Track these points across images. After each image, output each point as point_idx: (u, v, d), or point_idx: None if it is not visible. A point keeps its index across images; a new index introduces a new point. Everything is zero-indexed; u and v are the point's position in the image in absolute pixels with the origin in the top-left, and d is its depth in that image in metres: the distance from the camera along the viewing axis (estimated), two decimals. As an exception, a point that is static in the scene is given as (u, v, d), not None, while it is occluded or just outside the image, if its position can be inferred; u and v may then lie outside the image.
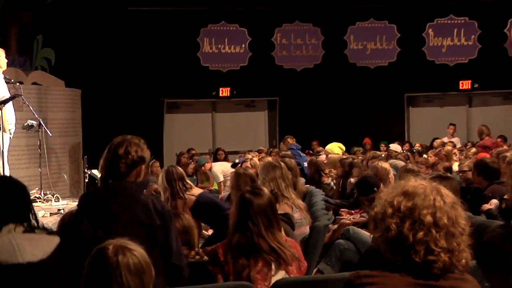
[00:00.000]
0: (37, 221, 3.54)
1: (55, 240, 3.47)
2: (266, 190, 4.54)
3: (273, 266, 4.23)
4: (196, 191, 7.01)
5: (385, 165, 7.47)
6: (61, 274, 3.42)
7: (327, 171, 9.83)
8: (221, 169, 11.59)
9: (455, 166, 10.68)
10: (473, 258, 2.74)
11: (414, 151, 13.77)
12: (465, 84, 17.45)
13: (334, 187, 9.46)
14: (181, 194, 6.73)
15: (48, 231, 3.51)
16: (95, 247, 2.84)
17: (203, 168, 12.11)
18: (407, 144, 15.56)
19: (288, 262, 4.24)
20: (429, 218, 2.66)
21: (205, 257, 4.49)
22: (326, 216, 6.71)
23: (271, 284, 4.14)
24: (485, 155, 10.15)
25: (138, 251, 2.79)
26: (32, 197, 9.37)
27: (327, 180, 9.66)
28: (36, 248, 3.35)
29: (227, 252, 4.29)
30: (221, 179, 11.36)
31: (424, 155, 12.70)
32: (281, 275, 4.22)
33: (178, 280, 3.91)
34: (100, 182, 4.08)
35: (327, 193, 9.14)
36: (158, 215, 3.85)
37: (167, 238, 3.86)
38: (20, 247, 3.30)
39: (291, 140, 12.86)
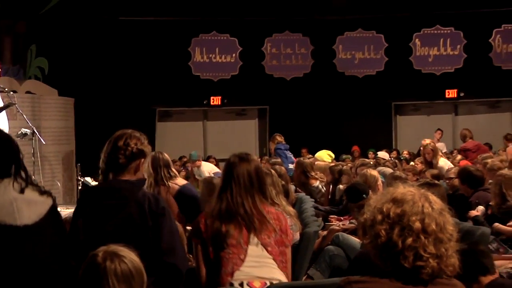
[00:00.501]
0: (27, 175, 3.46)
1: (48, 202, 3.48)
2: (255, 157, 4.46)
3: (244, 231, 4.15)
4: (181, 181, 6.86)
5: (374, 172, 7.47)
6: (51, 236, 3.44)
7: (312, 173, 9.74)
8: (210, 169, 11.58)
9: (441, 161, 10.81)
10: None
11: (402, 158, 13.79)
12: (451, 93, 17.52)
13: (322, 190, 9.42)
14: (165, 181, 6.59)
15: (40, 190, 3.49)
16: (90, 250, 2.84)
17: (192, 164, 12.05)
18: (394, 152, 15.60)
19: (258, 229, 4.15)
20: (417, 225, 2.66)
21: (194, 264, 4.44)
22: (316, 222, 6.69)
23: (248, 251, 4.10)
24: (467, 163, 10.23)
25: (128, 258, 2.78)
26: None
27: (315, 183, 9.58)
28: (33, 212, 3.37)
29: (207, 219, 4.22)
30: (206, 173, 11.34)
31: (412, 163, 12.73)
32: (254, 242, 4.14)
33: (174, 281, 3.80)
34: (101, 175, 4.04)
35: (314, 196, 9.10)
36: (151, 215, 3.78)
37: (159, 237, 3.78)
38: (19, 210, 3.31)
39: (279, 138, 12.60)
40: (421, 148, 11.90)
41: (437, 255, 2.64)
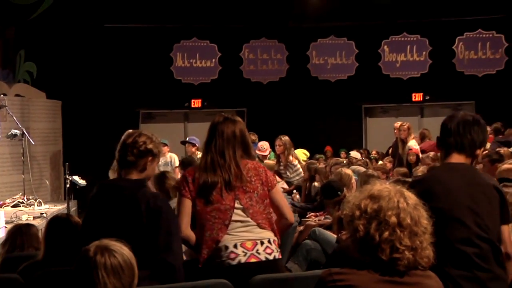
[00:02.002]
0: None
1: None
2: (240, 119, 4.38)
3: (223, 184, 4.08)
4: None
5: (348, 171, 7.49)
6: None
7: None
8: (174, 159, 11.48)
9: (412, 142, 11.33)
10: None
11: (372, 158, 13.85)
12: (417, 97, 17.61)
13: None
14: None
15: None
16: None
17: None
18: (364, 151, 15.64)
19: (238, 190, 4.09)
20: (393, 219, 2.69)
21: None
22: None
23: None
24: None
25: (119, 252, 2.78)
26: (15, 202, 9.36)
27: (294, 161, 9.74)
28: None
29: (193, 173, 4.16)
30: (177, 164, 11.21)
31: (380, 162, 12.80)
32: (238, 207, 4.08)
33: (171, 278, 3.75)
34: (117, 171, 4.04)
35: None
36: (148, 214, 3.76)
37: (155, 235, 3.74)
38: None
39: (253, 137, 12.57)
40: (395, 130, 12.00)
41: (412, 248, 2.66)
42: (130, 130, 4.08)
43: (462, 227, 3.50)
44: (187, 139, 11.68)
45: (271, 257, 4.04)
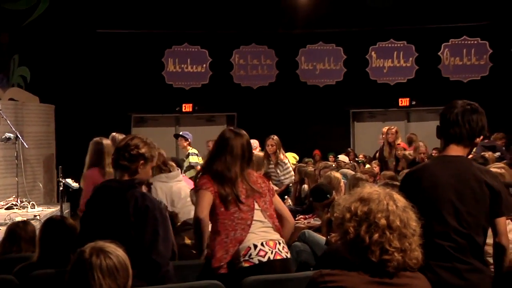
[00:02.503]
0: None
1: None
2: (245, 132, 4.55)
3: (249, 198, 4.26)
4: None
5: (337, 174, 7.50)
6: None
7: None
8: None
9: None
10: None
11: (359, 162, 13.86)
12: (404, 102, 17.65)
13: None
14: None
15: None
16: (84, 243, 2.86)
17: None
18: (351, 154, 15.66)
19: (256, 196, 4.27)
20: (383, 221, 2.69)
21: None
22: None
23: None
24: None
25: (114, 253, 2.77)
26: (9, 204, 9.32)
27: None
28: None
29: (212, 179, 4.28)
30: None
31: (368, 165, 12.83)
32: (258, 208, 4.26)
33: (156, 276, 3.77)
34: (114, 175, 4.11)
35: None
36: (136, 213, 3.77)
37: (141, 233, 3.75)
38: None
39: None
40: (382, 135, 12.05)
41: (401, 249, 2.66)
42: (123, 137, 4.09)
43: (441, 221, 3.55)
44: (180, 133, 11.74)
45: (289, 256, 4.28)
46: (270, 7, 16.89)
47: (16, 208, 9.23)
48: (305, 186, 8.93)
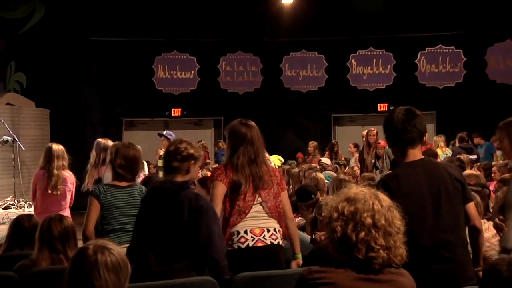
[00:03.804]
0: None
1: None
2: (254, 124, 4.61)
3: (251, 188, 4.35)
4: None
5: (322, 176, 7.52)
6: None
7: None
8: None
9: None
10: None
11: (341, 164, 13.88)
12: (382, 107, 17.71)
13: None
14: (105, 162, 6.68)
15: None
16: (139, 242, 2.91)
17: None
18: (336, 146, 15.59)
19: (262, 188, 4.37)
20: (369, 220, 2.69)
21: None
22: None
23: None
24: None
25: (116, 250, 2.76)
26: (6, 204, 9.26)
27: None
28: None
29: (225, 169, 4.38)
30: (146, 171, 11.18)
31: (348, 167, 12.85)
32: (258, 201, 4.38)
33: (217, 271, 3.86)
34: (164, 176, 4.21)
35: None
36: (189, 212, 3.85)
37: (195, 232, 3.83)
38: None
39: (222, 145, 12.58)
40: (363, 137, 12.12)
41: (386, 247, 2.67)
42: (172, 140, 4.25)
43: (423, 225, 3.57)
44: (164, 132, 11.61)
45: (275, 242, 4.35)
46: (255, 17, 16.93)
47: (13, 208, 9.21)
48: (290, 187, 8.94)
